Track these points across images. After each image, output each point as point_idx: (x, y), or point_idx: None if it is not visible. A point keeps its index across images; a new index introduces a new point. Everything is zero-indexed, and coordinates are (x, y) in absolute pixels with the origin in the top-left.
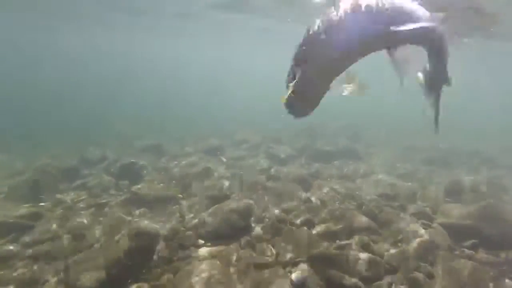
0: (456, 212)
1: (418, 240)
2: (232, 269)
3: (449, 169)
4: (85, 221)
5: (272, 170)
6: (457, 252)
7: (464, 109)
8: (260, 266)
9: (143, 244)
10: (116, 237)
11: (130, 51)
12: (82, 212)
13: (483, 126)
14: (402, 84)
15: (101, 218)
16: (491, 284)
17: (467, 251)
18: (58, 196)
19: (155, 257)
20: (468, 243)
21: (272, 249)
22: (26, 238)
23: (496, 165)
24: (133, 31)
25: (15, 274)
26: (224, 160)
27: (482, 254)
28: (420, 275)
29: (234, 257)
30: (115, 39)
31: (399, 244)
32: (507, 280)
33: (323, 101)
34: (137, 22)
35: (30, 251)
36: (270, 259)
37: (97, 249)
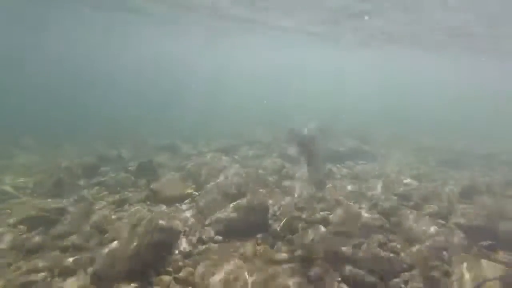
0: (471, 212)
1: (434, 239)
2: (249, 264)
3: (464, 171)
4: (107, 216)
5: (286, 169)
6: (475, 252)
7: (478, 111)
8: (276, 262)
9: (164, 238)
10: (138, 232)
11: (139, 52)
12: (104, 207)
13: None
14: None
15: (122, 214)
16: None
17: (485, 251)
18: (81, 192)
19: (175, 251)
20: (486, 243)
21: (289, 245)
22: (53, 231)
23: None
24: (140, 30)
25: (45, 264)
26: (239, 159)
27: (500, 255)
28: (436, 273)
29: (251, 253)
30: (123, 40)
31: (415, 243)
32: None
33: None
34: (143, 20)
35: (58, 243)
36: (286, 256)
37: (120, 242)
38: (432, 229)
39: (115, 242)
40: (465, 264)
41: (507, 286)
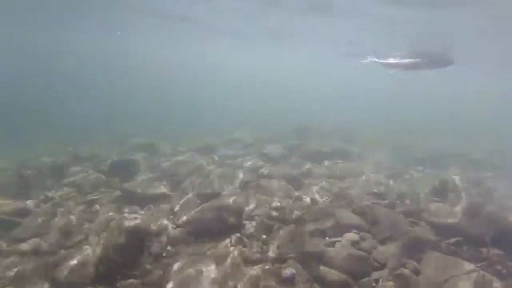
0: (442, 210)
1: (405, 237)
2: (222, 266)
3: (437, 169)
4: (73, 218)
5: (264, 168)
6: (442, 249)
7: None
8: (250, 263)
9: (133, 240)
10: (106, 234)
11: (123, 50)
12: (71, 209)
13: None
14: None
15: (90, 215)
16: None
17: (452, 247)
18: (47, 193)
19: (145, 253)
20: (453, 240)
21: (262, 246)
22: (14, 234)
23: (482, 166)
24: (129, 29)
25: (2, 271)
26: (217, 158)
27: (465, 251)
28: (406, 271)
29: (224, 254)
30: (109, 37)
31: (387, 242)
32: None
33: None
34: (133, 21)
35: (17, 247)
36: (260, 256)
37: (87, 246)
38: (404, 227)
39: (81, 246)
40: (433, 262)
41: (469, 282)
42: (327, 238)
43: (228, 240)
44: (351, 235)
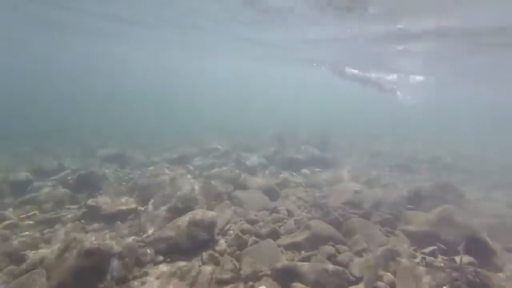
0: (416, 218)
1: (381, 249)
2: (192, 287)
3: (412, 175)
4: (28, 239)
5: (240, 179)
6: (417, 260)
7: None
8: (222, 282)
9: (94, 263)
10: (65, 257)
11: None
12: (28, 229)
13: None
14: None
15: (50, 235)
16: None
17: (427, 257)
18: (3, 211)
19: (108, 277)
20: (428, 249)
21: (236, 263)
22: None
23: (454, 170)
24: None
25: None
26: (192, 169)
27: (440, 260)
28: (382, 285)
29: (195, 273)
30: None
31: (363, 254)
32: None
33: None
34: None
35: None
36: (232, 274)
37: (41, 272)
38: (380, 237)
39: (34, 272)
40: (408, 274)
41: None
42: (303, 251)
43: (199, 258)
44: (327, 248)
